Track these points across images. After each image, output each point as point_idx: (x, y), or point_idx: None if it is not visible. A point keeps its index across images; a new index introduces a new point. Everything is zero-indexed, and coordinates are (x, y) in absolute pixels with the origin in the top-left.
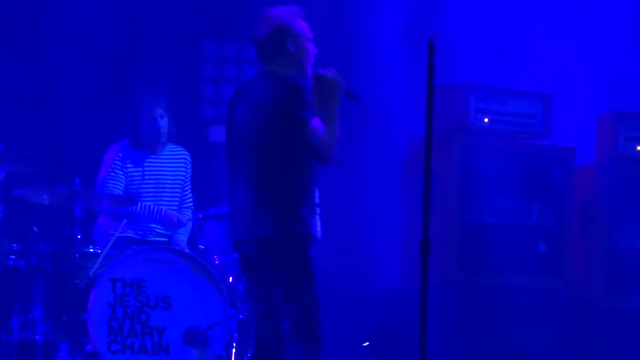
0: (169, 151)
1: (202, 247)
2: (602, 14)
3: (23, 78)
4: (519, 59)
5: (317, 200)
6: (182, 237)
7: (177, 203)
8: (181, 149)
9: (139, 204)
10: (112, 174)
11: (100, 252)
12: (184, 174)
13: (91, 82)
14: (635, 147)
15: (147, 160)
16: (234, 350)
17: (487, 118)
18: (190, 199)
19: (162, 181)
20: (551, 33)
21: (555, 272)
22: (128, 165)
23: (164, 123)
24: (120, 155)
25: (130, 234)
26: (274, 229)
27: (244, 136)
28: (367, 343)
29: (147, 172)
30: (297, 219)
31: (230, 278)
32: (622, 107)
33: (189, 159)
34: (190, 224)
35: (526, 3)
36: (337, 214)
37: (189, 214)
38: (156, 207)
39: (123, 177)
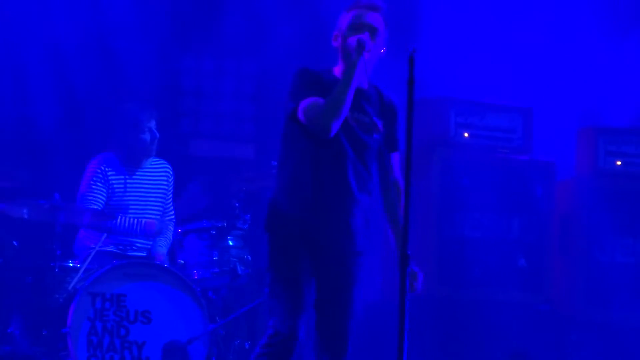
0: (151, 164)
1: (182, 261)
2: (583, 27)
3: (1, 92)
4: (499, 73)
5: None
6: (162, 248)
7: (159, 216)
8: (163, 162)
9: (119, 217)
10: (93, 187)
11: (80, 267)
12: (165, 186)
13: (71, 96)
14: (615, 162)
15: (130, 173)
16: None
17: (467, 132)
18: (172, 212)
19: (144, 194)
20: (531, 47)
21: (536, 286)
22: (111, 178)
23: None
24: (103, 167)
25: (110, 248)
26: None
27: None
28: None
29: (129, 186)
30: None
31: (210, 292)
32: (602, 122)
33: (171, 172)
34: (170, 236)
35: (506, 17)
36: None
37: (170, 226)
38: (136, 219)
39: (104, 190)
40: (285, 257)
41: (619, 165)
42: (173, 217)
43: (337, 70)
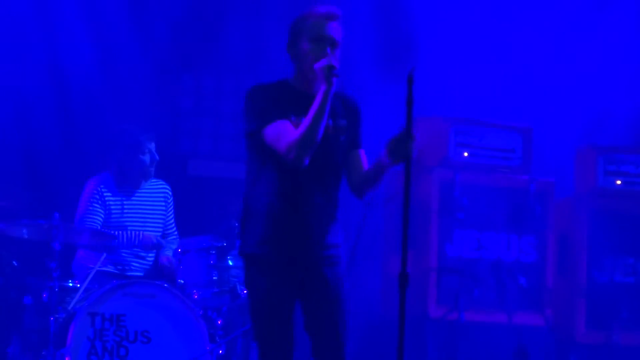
0: (150, 185)
1: (182, 281)
2: (581, 47)
3: (1, 113)
4: (498, 93)
5: None
6: (168, 251)
7: (159, 235)
8: (162, 182)
9: (117, 232)
10: (90, 209)
11: (79, 287)
12: (164, 207)
13: (69, 115)
14: (614, 181)
15: (128, 195)
16: None
17: (467, 152)
18: (175, 231)
19: (142, 216)
20: (531, 66)
21: (534, 307)
22: (107, 200)
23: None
24: (100, 189)
25: (109, 268)
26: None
27: None
28: None
29: (126, 207)
30: (245, 239)
31: (210, 312)
32: (601, 141)
33: (170, 192)
34: (177, 243)
35: (506, 37)
36: None
37: (175, 244)
38: (133, 232)
39: (101, 211)
40: (264, 286)
41: (619, 184)
42: (176, 235)
43: (293, 81)
